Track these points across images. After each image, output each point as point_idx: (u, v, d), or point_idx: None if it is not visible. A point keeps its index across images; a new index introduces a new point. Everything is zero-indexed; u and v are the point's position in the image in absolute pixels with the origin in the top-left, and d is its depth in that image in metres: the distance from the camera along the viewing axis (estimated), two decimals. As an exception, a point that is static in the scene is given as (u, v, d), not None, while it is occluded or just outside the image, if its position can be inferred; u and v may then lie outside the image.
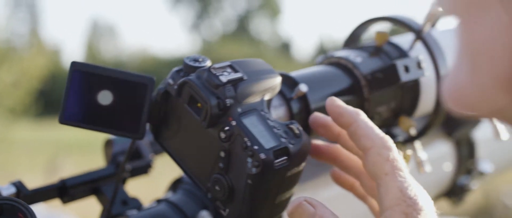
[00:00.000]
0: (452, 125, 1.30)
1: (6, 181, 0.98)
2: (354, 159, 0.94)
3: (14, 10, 35.96)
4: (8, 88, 11.44)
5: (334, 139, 0.93)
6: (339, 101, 0.89)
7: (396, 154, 0.84)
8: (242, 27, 41.90)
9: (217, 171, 0.84)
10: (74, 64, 0.88)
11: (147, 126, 0.89)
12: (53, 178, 11.53)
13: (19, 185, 0.99)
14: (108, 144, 1.11)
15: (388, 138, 0.85)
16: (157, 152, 1.13)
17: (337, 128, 0.92)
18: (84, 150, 14.83)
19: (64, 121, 0.87)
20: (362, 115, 0.87)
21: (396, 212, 0.78)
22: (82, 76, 0.88)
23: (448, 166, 1.31)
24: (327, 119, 0.92)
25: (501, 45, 0.50)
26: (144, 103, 0.88)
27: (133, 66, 33.16)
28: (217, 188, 0.84)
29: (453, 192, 1.35)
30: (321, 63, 1.06)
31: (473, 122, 1.32)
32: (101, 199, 1.06)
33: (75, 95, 0.88)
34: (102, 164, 1.13)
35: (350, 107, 0.88)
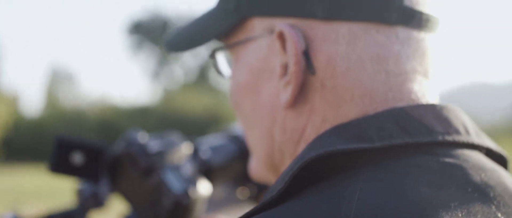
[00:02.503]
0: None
1: None
2: None
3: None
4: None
5: None
6: None
7: None
8: (202, 77, 42.26)
9: (148, 205, 1.34)
10: (57, 137, 1.38)
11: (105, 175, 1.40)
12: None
13: (17, 215, 1.46)
14: (77, 192, 1.60)
15: None
16: (112, 191, 1.61)
17: None
18: (43, 197, 15.05)
19: (52, 171, 1.37)
20: None
21: None
22: (62, 143, 1.38)
23: None
24: None
25: (261, 147, 1.00)
26: (102, 162, 1.38)
27: (92, 116, 33.35)
28: (148, 216, 1.34)
29: None
30: (222, 135, 1.57)
31: None
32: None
33: (59, 154, 1.38)
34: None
35: None
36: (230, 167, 1.52)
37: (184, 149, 1.40)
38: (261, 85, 0.95)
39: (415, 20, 0.89)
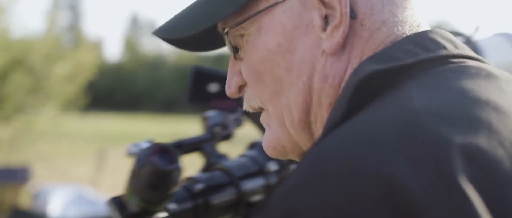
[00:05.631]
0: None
1: (56, 170, 1.50)
2: None
3: (56, 7, 36.39)
4: (61, 83, 11.88)
5: None
6: None
7: None
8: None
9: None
10: (194, 68, 1.45)
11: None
12: (102, 166, 12.08)
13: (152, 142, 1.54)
14: (204, 119, 1.67)
15: None
16: (238, 125, 1.68)
17: None
18: (127, 141, 15.28)
19: (190, 101, 1.44)
20: None
21: None
22: (199, 74, 1.45)
23: None
24: None
25: (295, 107, 1.06)
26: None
27: (172, 60, 33.65)
28: None
29: None
30: None
31: None
32: (203, 154, 1.61)
33: (195, 85, 1.44)
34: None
35: None
36: None
37: None
38: (296, 42, 1.04)
39: None
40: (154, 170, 1.34)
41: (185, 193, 1.46)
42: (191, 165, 1.91)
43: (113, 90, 29.83)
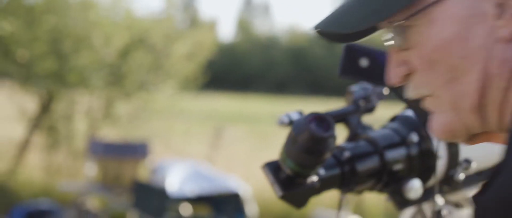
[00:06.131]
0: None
1: (172, 147, 1.59)
2: None
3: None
4: (181, 61, 12.07)
5: None
6: None
7: None
8: None
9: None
10: (346, 45, 1.56)
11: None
12: (218, 144, 12.31)
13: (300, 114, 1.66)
14: (349, 92, 1.78)
15: None
16: (380, 99, 1.78)
17: None
18: (240, 120, 15.50)
19: (342, 75, 1.56)
20: None
21: None
22: (350, 50, 1.57)
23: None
24: None
25: (472, 92, 1.10)
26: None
27: (285, 41, 33.74)
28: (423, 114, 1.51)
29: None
30: None
31: None
32: (347, 125, 1.73)
33: (347, 60, 1.56)
34: (261, 134, 1.76)
35: None
36: None
37: None
38: (471, 30, 1.07)
39: None
40: (312, 136, 1.45)
41: (334, 160, 1.58)
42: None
43: (227, 71, 30.23)
